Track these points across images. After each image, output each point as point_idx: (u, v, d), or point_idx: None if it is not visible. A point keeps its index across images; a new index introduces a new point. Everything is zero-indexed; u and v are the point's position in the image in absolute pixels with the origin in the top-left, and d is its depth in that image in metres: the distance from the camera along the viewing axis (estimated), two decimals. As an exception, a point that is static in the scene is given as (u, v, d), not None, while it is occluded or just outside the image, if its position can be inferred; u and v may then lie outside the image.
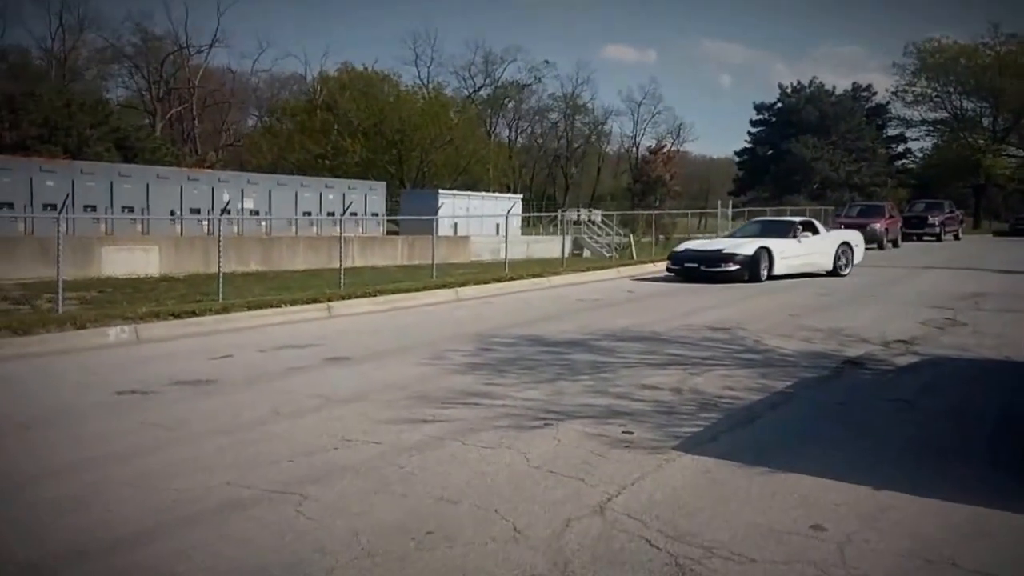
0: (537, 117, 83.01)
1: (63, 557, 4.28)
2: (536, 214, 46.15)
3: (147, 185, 22.95)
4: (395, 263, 25.39)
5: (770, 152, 64.79)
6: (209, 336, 11.66)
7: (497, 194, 42.98)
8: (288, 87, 76.60)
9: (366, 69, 65.96)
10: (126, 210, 22.27)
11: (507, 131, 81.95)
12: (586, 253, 34.03)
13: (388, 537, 4.53)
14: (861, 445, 6.41)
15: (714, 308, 14.66)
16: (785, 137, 62.28)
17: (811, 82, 66.82)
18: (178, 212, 23.12)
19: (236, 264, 21.08)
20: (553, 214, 41.72)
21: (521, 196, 42.62)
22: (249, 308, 13.09)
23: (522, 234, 34.48)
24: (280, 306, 13.44)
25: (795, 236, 20.61)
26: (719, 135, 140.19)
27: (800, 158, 60.22)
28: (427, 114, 59.22)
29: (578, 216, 38.82)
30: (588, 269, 22.70)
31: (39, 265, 16.75)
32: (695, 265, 19.32)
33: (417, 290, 16.27)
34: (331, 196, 26.92)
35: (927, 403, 7.84)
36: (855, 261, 21.61)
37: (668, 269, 20.29)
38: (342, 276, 16.47)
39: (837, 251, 21.01)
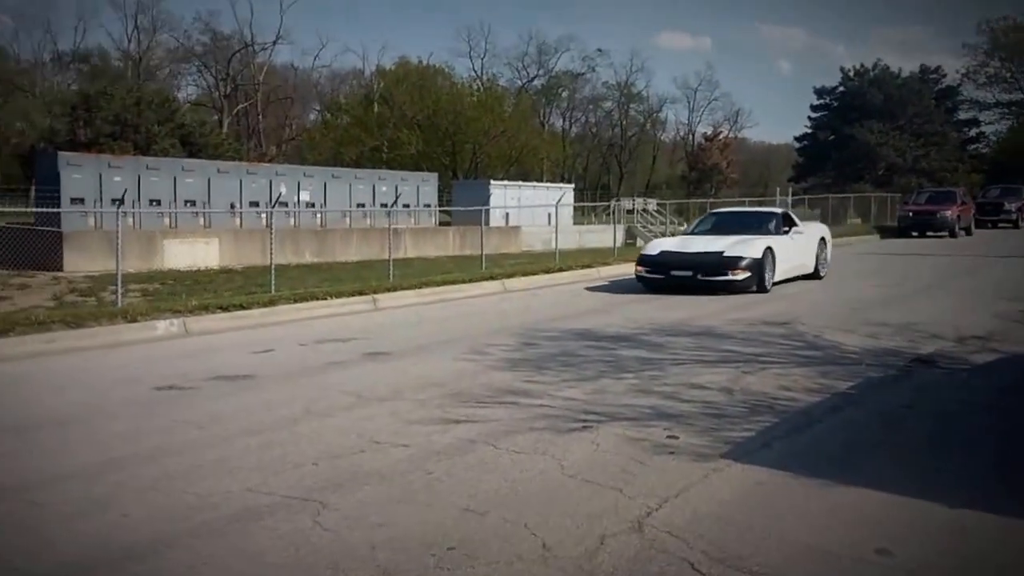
0: (591, 106, 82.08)
1: (70, 568, 3.96)
2: (589, 204, 45.50)
3: (208, 179, 22.90)
4: (446, 254, 25.04)
5: (832, 137, 62.12)
6: (255, 329, 11.40)
7: (549, 184, 42.40)
8: (347, 82, 76.98)
9: (421, 63, 65.92)
10: (188, 204, 22.24)
11: (561, 121, 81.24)
12: (640, 243, 33.29)
13: (407, 552, 4.10)
14: (933, 456, 5.71)
15: (770, 301, 13.93)
16: (848, 122, 59.54)
17: (875, 65, 63.37)
18: (238, 205, 23.03)
19: (291, 256, 20.93)
20: (606, 203, 41.01)
21: (573, 186, 41.97)
22: (295, 301, 12.82)
23: (574, 224, 33.87)
24: (326, 299, 13.14)
25: (787, 232, 16.11)
26: (778, 121, 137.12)
27: (864, 143, 57.55)
28: (481, 106, 58.93)
29: (632, 205, 38.08)
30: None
31: (107, 258, 16.64)
32: (688, 273, 14.52)
33: (464, 282, 15.83)
34: (384, 188, 26.64)
35: (1009, 407, 7.07)
36: (829, 259, 17.68)
37: (640, 278, 15.23)
38: (391, 267, 16.15)
39: (819, 249, 17.05)
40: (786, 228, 16.15)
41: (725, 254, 14.52)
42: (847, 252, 23.88)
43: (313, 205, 24.85)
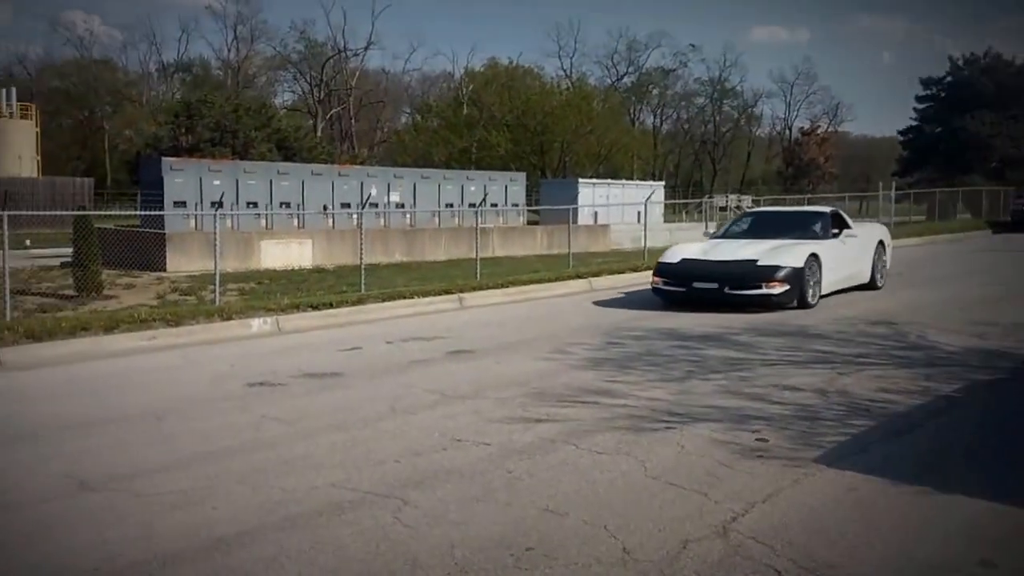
0: (683, 103, 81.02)
1: (165, 557, 4.06)
2: (681, 201, 44.92)
3: (302, 182, 23.37)
4: (534, 253, 24.99)
5: (939, 130, 59.24)
6: (344, 327, 11.57)
7: (638, 182, 41.95)
8: (437, 84, 77.79)
9: (510, 63, 66.11)
10: (283, 206, 22.74)
11: (651, 118, 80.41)
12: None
13: (485, 551, 4.06)
14: (1042, 463, 5.37)
15: (869, 299, 13.43)
16: (957, 113, 56.71)
17: (986, 53, 60.38)
18: (330, 207, 23.44)
19: (382, 255, 21.21)
20: (698, 200, 40.38)
21: (663, 183, 41.37)
22: (383, 300, 12.97)
23: (665, 222, 33.41)
24: (413, 298, 13.26)
25: (837, 235, 13.61)
26: (880, 114, 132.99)
27: (975, 135, 54.57)
28: (569, 105, 58.73)
29: (725, 202, 37.39)
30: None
31: (207, 258, 17.18)
32: (712, 285, 12.15)
33: (549, 280, 15.75)
34: (472, 188, 26.75)
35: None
36: (888, 265, 15.16)
37: (657, 290, 12.89)
38: (478, 266, 16.19)
39: (875, 254, 14.40)
40: (836, 231, 13.63)
41: (759, 263, 12.04)
42: (955, 249, 22.91)
43: (403, 206, 25.13)
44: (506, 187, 28.37)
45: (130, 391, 7.84)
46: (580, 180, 33.20)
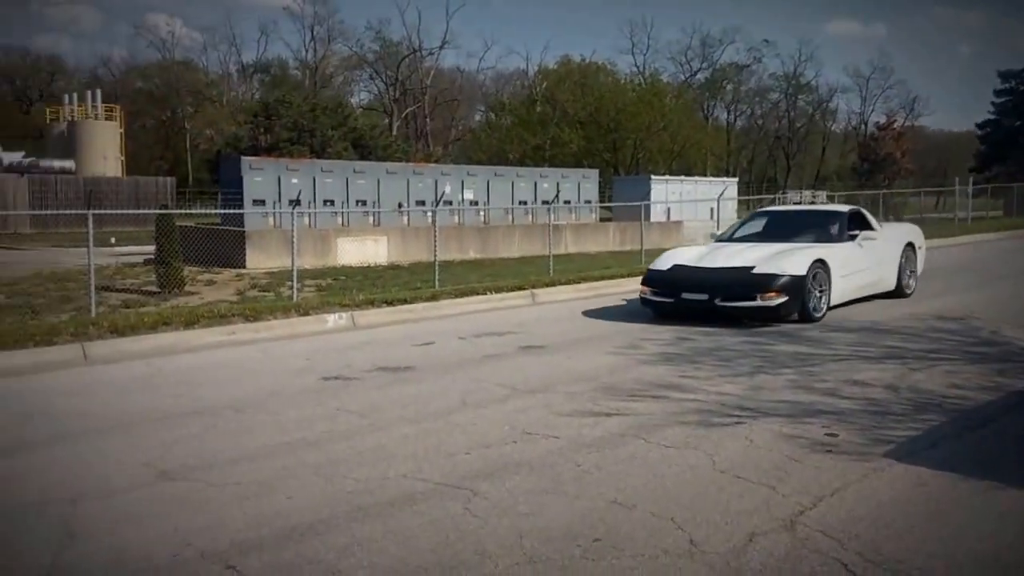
0: (757, 98, 79.90)
1: (240, 545, 4.19)
2: (755, 197, 44.23)
3: (378, 180, 23.73)
4: (607, 249, 24.95)
5: (1017, 123, 57.46)
6: (417, 323, 11.74)
7: (711, 178, 41.45)
8: (511, 82, 78.09)
9: (583, 61, 65.99)
10: (359, 203, 23.13)
11: (725, 114, 79.42)
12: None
13: (553, 542, 4.11)
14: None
15: (940, 295, 13.11)
16: (1036, 106, 54.90)
17: None
18: (405, 204, 23.76)
19: (455, 252, 21.43)
20: (772, 196, 39.73)
21: (737, 179, 40.82)
22: (457, 296, 13.13)
23: (738, 218, 32.97)
24: (486, 294, 13.39)
25: (853, 238, 12.08)
26: (958, 108, 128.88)
27: None
28: (642, 101, 58.41)
29: (799, 197, 36.73)
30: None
31: (285, 255, 17.61)
32: (702, 296, 10.79)
33: (621, 276, 15.73)
34: (545, 185, 26.82)
35: None
36: (919, 270, 13.61)
37: (645, 301, 11.52)
38: (551, 263, 16.25)
39: (902, 258, 12.87)
40: (854, 232, 12.16)
41: (755, 271, 10.69)
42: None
43: (476, 203, 25.32)
44: (579, 184, 28.34)
45: (210, 384, 8.08)
46: (653, 177, 33.03)
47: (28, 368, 8.74)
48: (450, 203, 23.71)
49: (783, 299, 10.41)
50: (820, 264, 10.91)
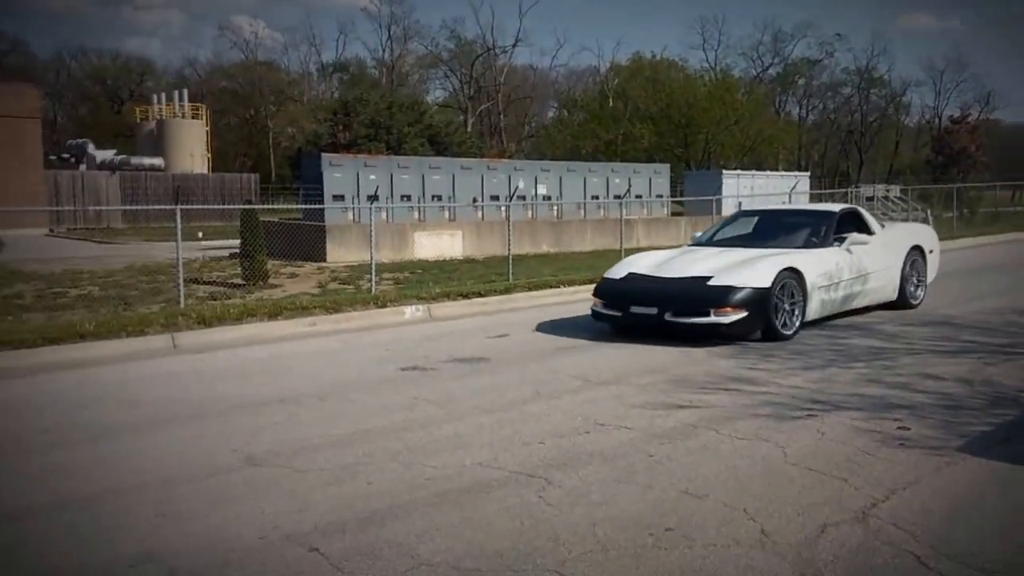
0: (829, 92, 78.11)
1: (323, 528, 4.31)
2: (826, 191, 43.25)
3: (453, 176, 23.92)
4: (679, 243, 24.68)
5: (1098, 116, 55.34)
6: (491, 315, 11.85)
7: (783, 172, 40.69)
8: (583, 79, 77.87)
9: (654, 57, 65.40)
10: (435, 199, 23.35)
11: (797, 108, 77.85)
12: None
13: (625, 531, 4.14)
14: None
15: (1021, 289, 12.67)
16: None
17: None
18: (479, 199, 23.91)
19: (529, 246, 21.52)
20: (844, 190, 38.80)
21: (809, 174, 40.01)
22: (530, 289, 13.20)
23: (811, 212, 32.31)
24: (559, 287, 13.43)
25: (839, 242, 10.43)
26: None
27: None
28: (713, 96, 57.63)
29: (872, 192, 35.81)
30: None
31: (363, 249, 17.92)
32: (651, 311, 9.30)
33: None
34: (617, 180, 26.70)
35: None
36: (929, 277, 11.78)
37: (596, 315, 10.03)
38: (623, 257, 16.14)
39: (906, 264, 11.13)
40: (843, 235, 10.49)
41: (711, 281, 9.16)
42: None
43: (549, 198, 25.34)
44: (650, 179, 28.14)
45: (293, 374, 8.28)
46: (724, 171, 32.56)
47: (122, 356, 9.10)
48: (523, 198, 23.77)
49: (741, 315, 8.83)
50: (791, 273, 9.28)
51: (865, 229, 10.92)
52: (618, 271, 10.33)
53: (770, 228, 11.18)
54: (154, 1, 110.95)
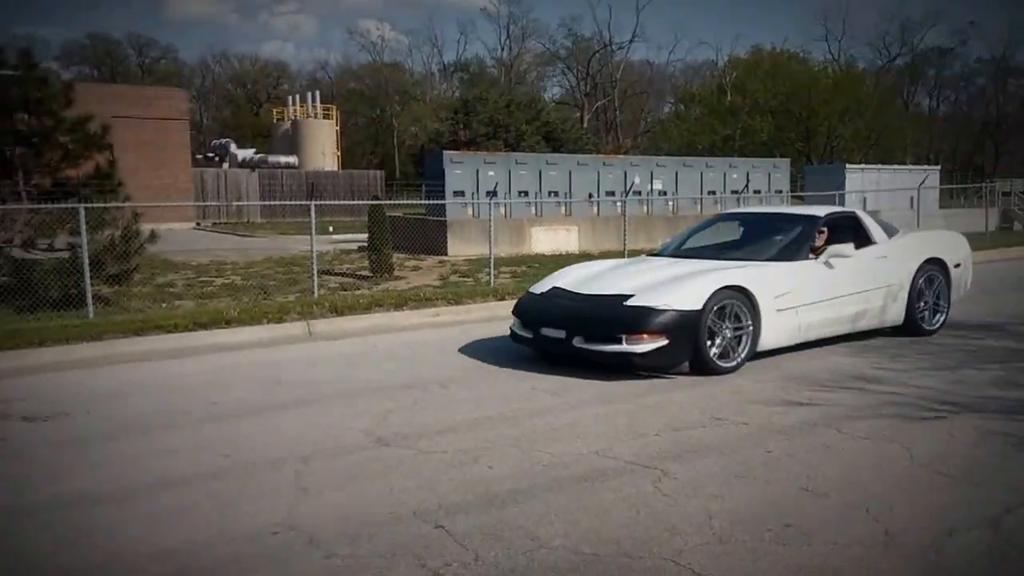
0: (962, 83, 74.11)
1: (447, 507, 4.42)
2: (958, 186, 41.12)
3: (569, 172, 23.95)
4: (798, 239, 24.02)
5: None
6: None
7: (911, 166, 38.86)
8: (700, 73, 76.43)
9: (774, 49, 63.59)
10: (552, 194, 23.43)
11: (927, 100, 74.22)
12: (1017, 227, 29.58)
13: (743, 524, 4.08)
14: None
15: None
16: None
17: None
18: (595, 195, 23.85)
19: (644, 241, 21.30)
20: (977, 185, 36.78)
21: (939, 168, 38.08)
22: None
23: (940, 207, 30.79)
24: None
25: (810, 253, 8.52)
26: None
27: None
28: (837, 88, 55.57)
29: (1009, 187, 33.80)
30: (1012, 244, 19.57)
31: (483, 244, 18.17)
32: (558, 334, 7.71)
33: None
34: (735, 175, 26.14)
35: None
36: (953, 296, 9.58)
37: (514, 336, 8.45)
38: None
39: (917, 281, 9.07)
40: (821, 246, 8.57)
41: (630, 301, 7.47)
42: None
43: (665, 193, 25.06)
44: (769, 174, 27.43)
45: (418, 361, 8.46)
46: (848, 165, 31.35)
47: (264, 341, 9.53)
48: (639, 193, 23.58)
49: (658, 343, 7.13)
50: (734, 293, 7.49)
51: (865, 238, 8.95)
52: (545, 284, 8.77)
53: (746, 235, 9.47)
54: (288, 7, 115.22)
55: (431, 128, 53.86)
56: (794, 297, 7.90)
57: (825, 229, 8.74)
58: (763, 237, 9.06)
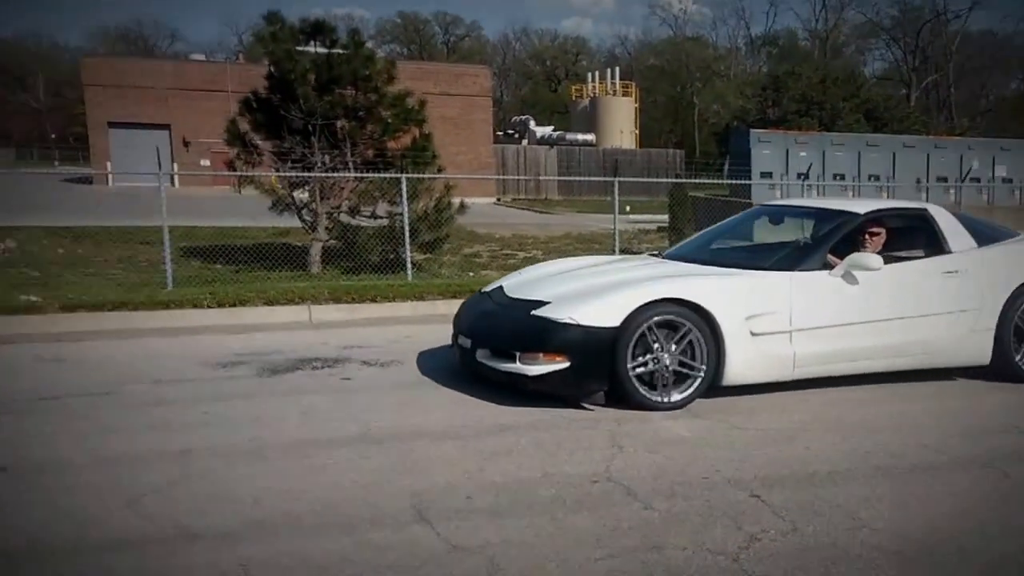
0: None
1: (763, 480, 4.60)
2: None
3: (893, 154, 22.79)
4: None
5: None
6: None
7: None
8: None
9: None
10: (871, 178, 22.41)
11: None
12: None
13: None
14: None
15: None
16: None
17: None
18: (923, 180, 22.46)
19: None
20: None
21: None
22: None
23: None
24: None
25: (819, 263, 6.55)
26: None
27: None
28: None
29: None
30: None
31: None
32: (465, 344, 6.52)
33: None
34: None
35: None
36: None
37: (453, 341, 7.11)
38: None
39: (1009, 310, 6.78)
40: (828, 253, 6.62)
41: (540, 311, 6.17)
42: None
43: (1011, 180, 22.99)
44: None
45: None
46: None
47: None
48: (977, 180, 21.84)
49: (557, 366, 5.84)
50: (682, 310, 5.94)
51: (936, 245, 6.95)
52: (496, 283, 7.58)
53: (768, 236, 7.91)
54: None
55: (735, 105, 53.08)
56: (781, 319, 6.22)
57: (882, 231, 6.99)
58: (777, 239, 7.68)
